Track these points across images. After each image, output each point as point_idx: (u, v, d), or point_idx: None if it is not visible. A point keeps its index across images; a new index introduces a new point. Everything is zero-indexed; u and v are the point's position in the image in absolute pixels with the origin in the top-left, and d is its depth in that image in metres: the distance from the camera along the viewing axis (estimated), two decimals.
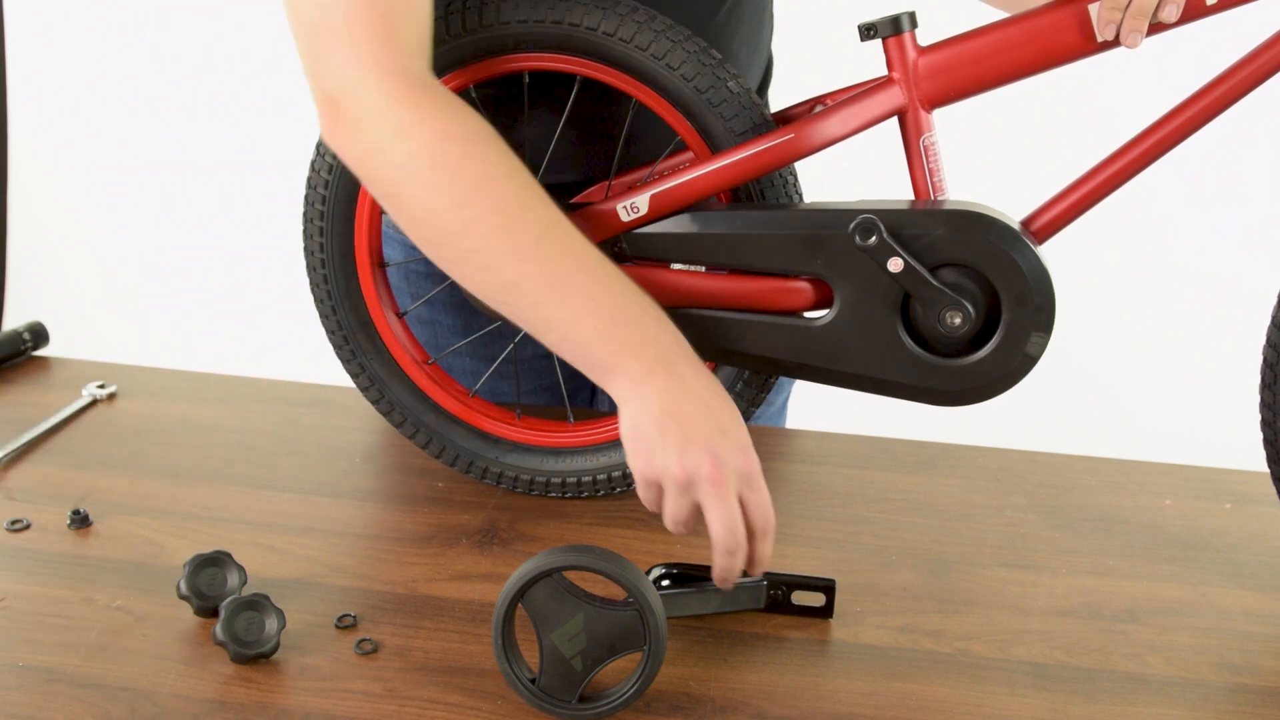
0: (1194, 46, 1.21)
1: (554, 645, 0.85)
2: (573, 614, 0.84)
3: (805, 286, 1.01)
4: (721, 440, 0.87)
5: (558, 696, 0.85)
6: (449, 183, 0.87)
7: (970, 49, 0.96)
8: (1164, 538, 1.10)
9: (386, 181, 0.88)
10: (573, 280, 0.87)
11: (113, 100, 2.52)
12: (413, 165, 0.87)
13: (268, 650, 0.89)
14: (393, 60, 0.87)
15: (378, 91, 0.86)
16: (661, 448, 0.86)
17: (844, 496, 1.16)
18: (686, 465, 0.86)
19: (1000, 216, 0.96)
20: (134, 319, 2.67)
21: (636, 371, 0.87)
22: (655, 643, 0.85)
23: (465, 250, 0.88)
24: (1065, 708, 0.88)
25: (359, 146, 0.88)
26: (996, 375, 0.98)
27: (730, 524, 0.86)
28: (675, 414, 0.87)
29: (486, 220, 0.87)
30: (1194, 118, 0.95)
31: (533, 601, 0.84)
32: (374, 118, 0.87)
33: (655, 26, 0.98)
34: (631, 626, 0.85)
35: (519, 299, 0.88)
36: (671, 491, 0.87)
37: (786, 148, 0.98)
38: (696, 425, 0.87)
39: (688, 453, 0.86)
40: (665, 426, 0.86)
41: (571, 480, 1.12)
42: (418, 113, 0.87)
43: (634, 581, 0.85)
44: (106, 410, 1.28)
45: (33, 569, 1.00)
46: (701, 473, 0.86)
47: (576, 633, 0.84)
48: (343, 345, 1.13)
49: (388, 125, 0.86)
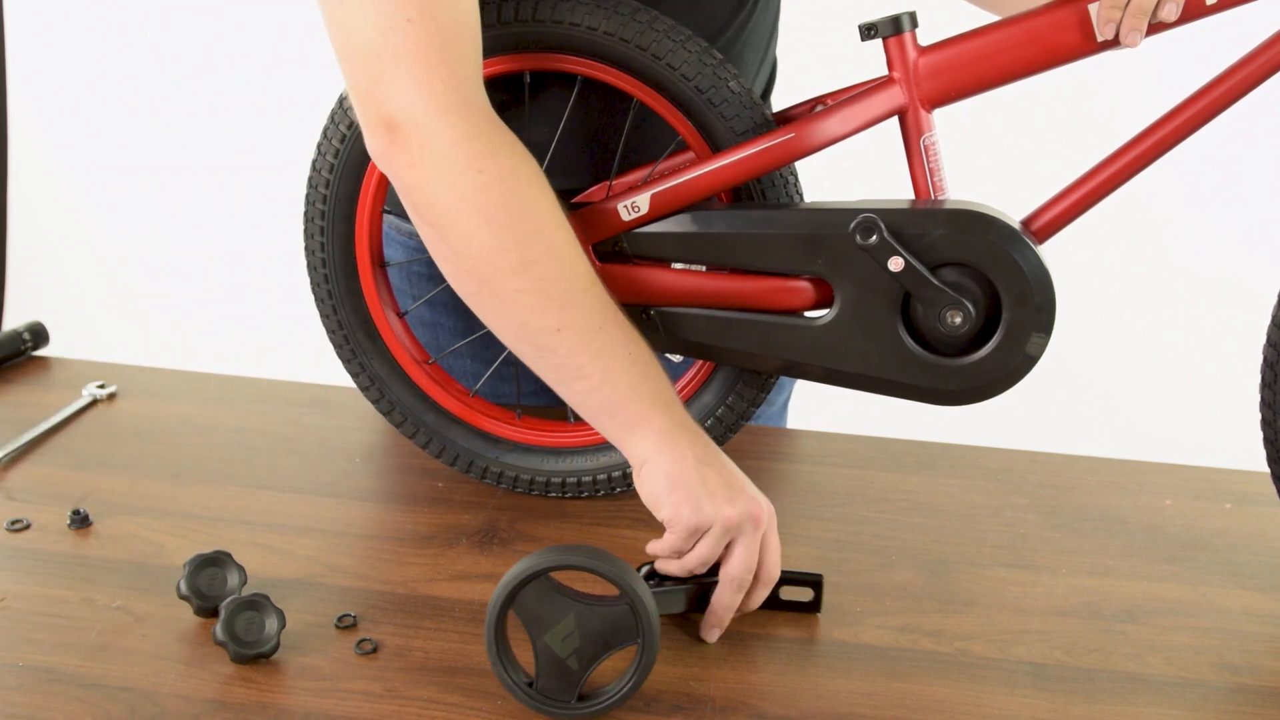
0: (1194, 46, 1.21)
1: (548, 647, 0.85)
2: (564, 614, 0.85)
3: (806, 286, 1.01)
4: (753, 488, 0.93)
5: (557, 698, 0.85)
6: (512, 221, 0.87)
7: (970, 49, 0.96)
8: (1164, 538, 1.10)
9: (444, 211, 0.87)
10: (612, 334, 0.91)
11: (113, 100, 2.52)
12: (479, 199, 0.87)
13: (268, 650, 0.89)
14: (459, 90, 0.87)
15: (446, 121, 0.86)
16: (709, 496, 0.90)
17: (844, 496, 1.16)
18: (738, 510, 0.90)
19: (1001, 216, 0.96)
20: (134, 319, 2.67)
21: (666, 426, 0.91)
22: (648, 635, 0.85)
23: (514, 290, 0.88)
24: (1065, 708, 0.88)
25: (420, 173, 0.87)
26: (996, 375, 0.98)
27: (749, 564, 0.92)
28: (711, 464, 0.92)
29: (543, 264, 0.88)
30: (1194, 118, 0.95)
31: (523, 605, 0.85)
32: (442, 146, 0.86)
33: (657, 27, 0.98)
34: (624, 621, 0.85)
35: (558, 344, 0.90)
36: (715, 535, 0.91)
37: (787, 147, 0.98)
38: (731, 474, 0.93)
39: (736, 500, 0.91)
40: (706, 476, 0.91)
41: (572, 480, 1.12)
42: (487, 146, 0.87)
43: (623, 576, 0.85)
44: (106, 410, 1.28)
45: (33, 569, 1.00)
46: (748, 517, 0.91)
47: (569, 632, 0.85)
48: (343, 345, 1.13)
49: (457, 156, 0.86)
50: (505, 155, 0.88)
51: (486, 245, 0.88)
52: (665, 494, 0.91)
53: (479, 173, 0.86)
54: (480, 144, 0.87)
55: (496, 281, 0.89)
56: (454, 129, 0.86)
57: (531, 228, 0.88)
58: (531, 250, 0.88)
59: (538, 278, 0.88)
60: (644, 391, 0.92)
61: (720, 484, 0.91)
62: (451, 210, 0.87)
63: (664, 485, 0.91)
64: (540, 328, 0.90)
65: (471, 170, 0.86)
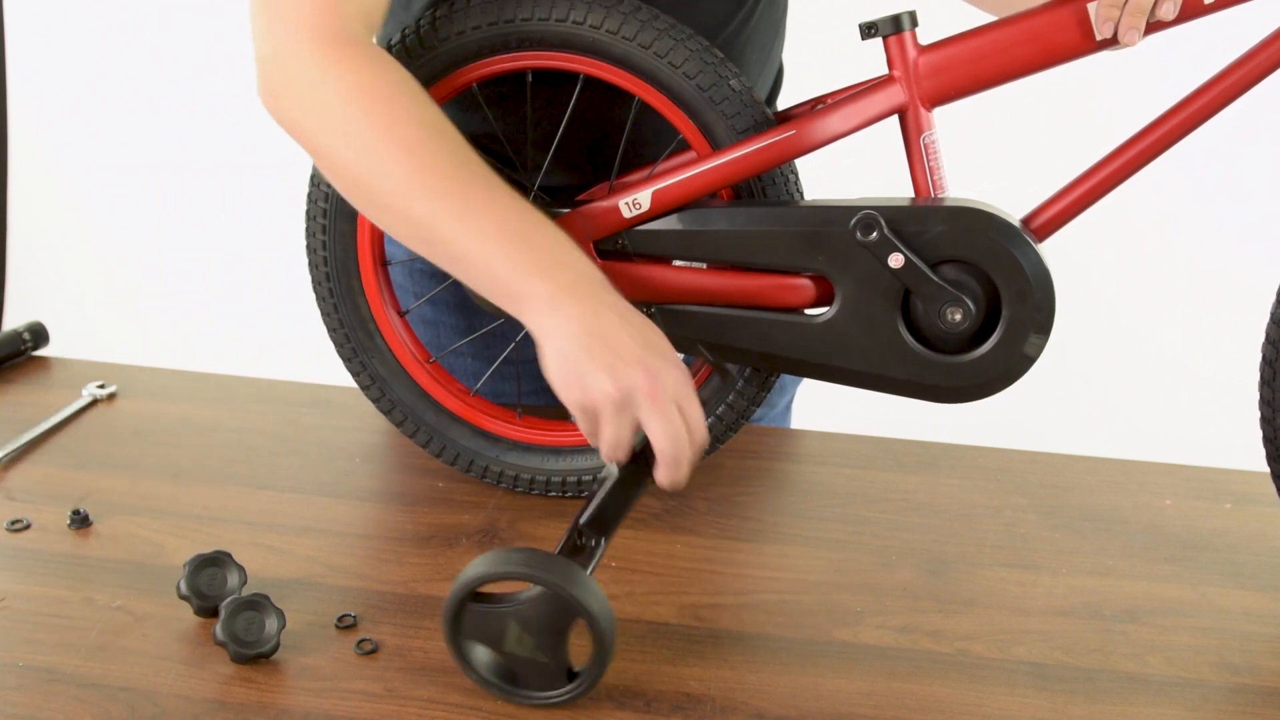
0: (1192, 45, 1.21)
1: (514, 654, 0.86)
2: (505, 623, 0.85)
3: (806, 283, 1.01)
4: (652, 355, 0.86)
5: (552, 689, 0.86)
6: (362, 130, 0.89)
7: (970, 48, 0.96)
8: (1164, 538, 1.10)
9: (306, 134, 0.91)
10: (482, 213, 0.88)
11: (113, 100, 2.52)
12: (328, 116, 0.89)
13: (268, 650, 0.89)
14: (328, 23, 0.89)
15: (304, 49, 0.89)
16: (592, 369, 0.84)
17: (844, 496, 1.16)
18: (621, 382, 0.84)
19: (1001, 213, 0.96)
20: (134, 319, 2.67)
21: (549, 294, 0.86)
22: (588, 604, 0.83)
23: (378, 192, 0.90)
24: (1065, 708, 0.88)
25: (283, 102, 0.91)
26: (996, 372, 0.98)
27: (673, 433, 0.85)
28: (599, 334, 0.85)
29: (398, 161, 0.88)
30: (1193, 116, 0.95)
31: (469, 633, 0.86)
32: (296, 72, 0.90)
33: (658, 25, 0.98)
34: (559, 602, 0.84)
35: (433, 235, 0.89)
36: (609, 413, 0.85)
37: (787, 144, 0.98)
38: (623, 342, 0.85)
39: (619, 371, 0.84)
40: (591, 347, 0.85)
41: (572, 479, 1.12)
42: (337, 67, 0.89)
43: (527, 568, 0.84)
44: (106, 410, 1.28)
45: (33, 569, 1.00)
46: (638, 388, 0.84)
47: (519, 635, 0.85)
48: (344, 344, 1.13)
49: (306, 79, 0.89)
50: (354, 71, 0.89)
51: (344, 158, 0.90)
52: (554, 374, 0.86)
53: (325, 91, 0.89)
54: (327, 66, 0.89)
55: (362, 187, 0.91)
56: (308, 55, 0.89)
57: (382, 131, 0.88)
58: (383, 151, 0.88)
59: (396, 177, 0.89)
60: (524, 261, 0.88)
61: (608, 356, 0.84)
62: (310, 131, 0.90)
63: (553, 364, 0.86)
64: (413, 222, 0.90)
65: (319, 89, 0.89)
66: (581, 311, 0.86)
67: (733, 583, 1.03)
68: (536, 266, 0.87)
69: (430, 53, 1.01)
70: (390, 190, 0.89)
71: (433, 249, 0.91)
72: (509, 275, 0.88)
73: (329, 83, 0.89)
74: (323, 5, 0.90)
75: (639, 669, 0.91)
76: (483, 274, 0.89)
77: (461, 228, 0.88)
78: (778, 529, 1.10)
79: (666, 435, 0.85)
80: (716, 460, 1.20)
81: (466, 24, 1.00)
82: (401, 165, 0.89)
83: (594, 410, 0.86)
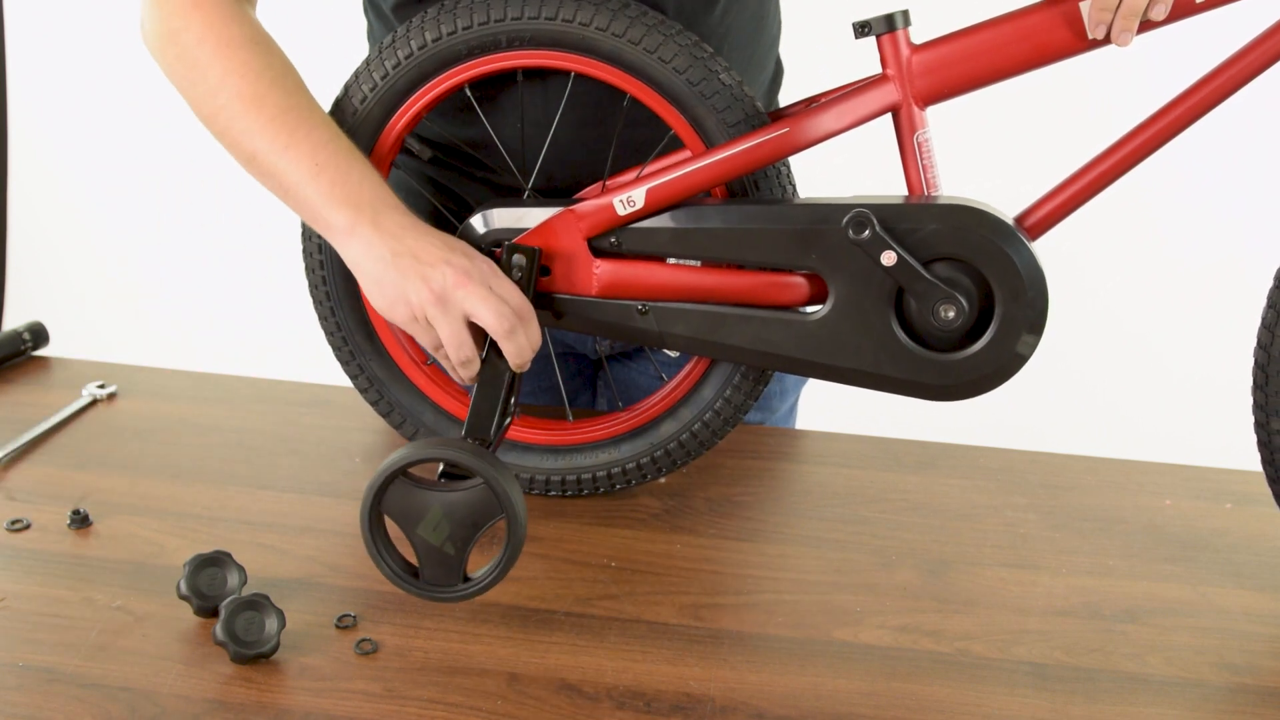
0: (1184, 44, 1.21)
1: (423, 539, 0.91)
2: (429, 505, 0.90)
3: (800, 281, 1.01)
4: (453, 254, 0.96)
5: (443, 584, 0.92)
6: (199, 78, 1.01)
7: (963, 46, 0.97)
8: (1164, 538, 1.10)
9: (169, 74, 1.04)
10: (301, 149, 0.97)
11: (113, 100, 2.52)
12: (178, 66, 1.02)
13: (268, 650, 0.89)
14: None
15: (157, 6, 1.02)
16: (405, 282, 0.95)
17: (844, 496, 1.16)
18: (433, 284, 0.94)
19: (994, 211, 0.96)
20: (134, 319, 2.67)
21: (350, 223, 0.96)
22: (510, 508, 0.90)
23: (219, 131, 1.01)
24: (1065, 708, 0.88)
25: (150, 43, 1.04)
26: (989, 370, 0.98)
27: (495, 307, 0.94)
28: (402, 251, 0.95)
29: (231, 105, 0.99)
30: (1186, 113, 0.95)
31: (390, 505, 0.91)
32: (150, 27, 1.03)
33: (646, 21, 0.98)
34: (485, 500, 0.90)
35: (262, 170, 1.00)
36: (436, 315, 0.95)
37: (781, 142, 0.98)
38: (425, 249, 0.95)
39: (429, 275, 0.94)
40: (399, 265, 0.95)
41: (571, 478, 1.12)
42: (184, 20, 1.00)
43: (473, 459, 0.89)
44: (106, 410, 1.28)
45: (33, 569, 1.00)
46: (449, 282, 0.94)
47: (438, 521, 0.90)
48: (342, 346, 1.13)
49: (156, 34, 1.02)
50: (199, 25, 1.00)
51: (192, 101, 1.03)
52: (376, 300, 0.97)
53: (174, 45, 1.01)
54: (175, 20, 1.01)
55: (209, 127, 1.03)
56: (159, 11, 1.02)
57: (217, 78, 1.00)
58: (219, 96, 1.00)
59: (229, 117, 1.00)
60: (331, 193, 0.97)
61: (416, 265, 0.94)
62: (169, 75, 1.04)
63: (371, 290, 0.97)
64: (246, 157, 1.00)
65: (169, 44, 1.02)
66: (382, 236, 0.96)
67: (733, 583, 1.03)
68: (343, 198, 0.97)
69: (419, 54, 1.01)
70: (226, 129, 1.00)
71: (268, 181, 1.01)
72: (319, 205, 0.97)
73: (189, 30, 1.00)
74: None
75: (639, 669, 0.91)
76: (302, 205, 0.99)
77: (284, 161, 0.98)
78: (778, 529, 1.10)
79: (490, 311, 0.94)
80: (716, 460, 1.20)
81: (456, 24, 1.00)
82: (233, 108, 0.99)
83: (423, 318, 0.96)
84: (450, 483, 0.91)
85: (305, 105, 1.00)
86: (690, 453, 1.11)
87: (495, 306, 0.94)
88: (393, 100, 1.04)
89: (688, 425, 1.10)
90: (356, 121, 1.05)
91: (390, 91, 1.04)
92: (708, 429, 1.10)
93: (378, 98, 1.04)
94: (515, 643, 0.93)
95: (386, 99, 1.04)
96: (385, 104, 1.04)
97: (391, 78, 1.03)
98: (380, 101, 1.04)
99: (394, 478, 0.90)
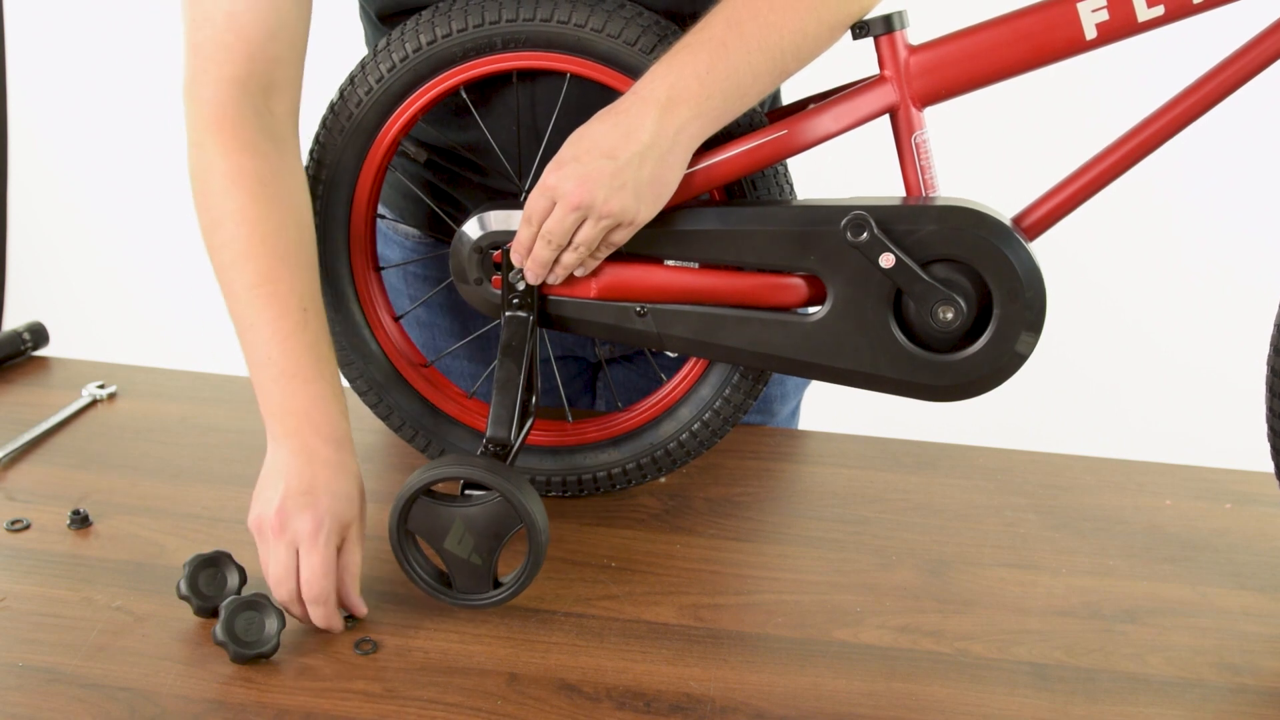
0: (1182, 44, 1.21)
1: (450, 552, 0.94)
2: (451, 520, 0.93)
3: (798, 283, 1.01)
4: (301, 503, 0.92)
5: (477, 592, 0.95)
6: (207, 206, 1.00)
7: (961, 47, 0.97)
8: (1164, 538, 1.10)
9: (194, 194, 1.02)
10: (260, 335, 0.97)
11: (113, 100, 2.52)
12: (195, 183, 1.01)
13: (268, 650, 0.89)
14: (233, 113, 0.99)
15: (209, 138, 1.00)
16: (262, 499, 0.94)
17: (844, 496, 1.16)
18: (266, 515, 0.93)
19: (992, 212, 0.96)
20: (134, 319, 2.67)
21: (274, 434, 0.96)
22: (530, 517, 0.92)
23: (211, 264, 1.01)
24: (1065, 708, 0.88)
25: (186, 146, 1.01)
26: (988, 370, 0.98)
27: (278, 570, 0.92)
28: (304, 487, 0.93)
29: (219, 254, 1.00)
30: (1184, 113, 0.95)
31: (415, 524, 0.94)
32: (185, 122, 1.01)
33: (641, 23, 0.98)
34: (503, 510, 0.93)
35: (241, 335, 0.99)
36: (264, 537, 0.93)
37: (779, 144, 0.98)
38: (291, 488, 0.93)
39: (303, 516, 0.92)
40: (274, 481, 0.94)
41: (571, 479, 1.12)
42: (206, 136, 0.99)
43: (488, 474, 0.92)
44: (106, 410, 1.28)
45: (33, 569, 1.00)
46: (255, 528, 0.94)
47: (462, 534, 0.93)
48: (340, 350, 1.13)
49: (187, 134, 1.00)
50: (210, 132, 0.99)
51: (199, 217, 1.01)
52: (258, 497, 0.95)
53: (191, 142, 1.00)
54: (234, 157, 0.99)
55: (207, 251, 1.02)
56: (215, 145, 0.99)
57: (215, 212, 0.99)
58: (217, 256, 1.00)
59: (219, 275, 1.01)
60: (275, 400, 0.96)
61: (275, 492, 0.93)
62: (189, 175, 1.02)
63: (261, 490, 0.95)
64: (235, 315, 1.00)
65: (191, 142, 1.00)
66: (288, 459, 0.94)
67: (733, 583, 1.03)
68: (280, 409, 0.96)
69: (415, 57, 1.01)
70: (217, 272, 1.01)
71: (240, 341, 1.00)
72: (259, 395, 0.98)
73: (205, 150, 0.99)
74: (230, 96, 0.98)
75: (639, 669, 0.91)
76: (255, 387, 0.99)
77: (244, 337, 0.99)
78: (778, 529, 1.10)
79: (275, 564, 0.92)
80: (716, 460, 1.20)
81: (451, 27, 1.00)
82: (227, 255, 0.99)
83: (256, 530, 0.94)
84: (468, 497, 0.94)
85: (285, 277, 0.99)
86: (690, 453, 1.11)
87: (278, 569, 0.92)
88: (388, 104, 1.04)
89: (687, 425, 1.10)
90: (352, 125, 1.05)
91: (386, 95, 1.04)
92: (707, 429, 1.10)
93: (373, 101, 1.04)
94: (515, 643, 0.93)
95: (382, 102, 1.04)
96: (381, 107, 1.04)
97: (387, 81, 1.03)
98: (376, 105, 1.04)
99: (415, 499, 0.93)
